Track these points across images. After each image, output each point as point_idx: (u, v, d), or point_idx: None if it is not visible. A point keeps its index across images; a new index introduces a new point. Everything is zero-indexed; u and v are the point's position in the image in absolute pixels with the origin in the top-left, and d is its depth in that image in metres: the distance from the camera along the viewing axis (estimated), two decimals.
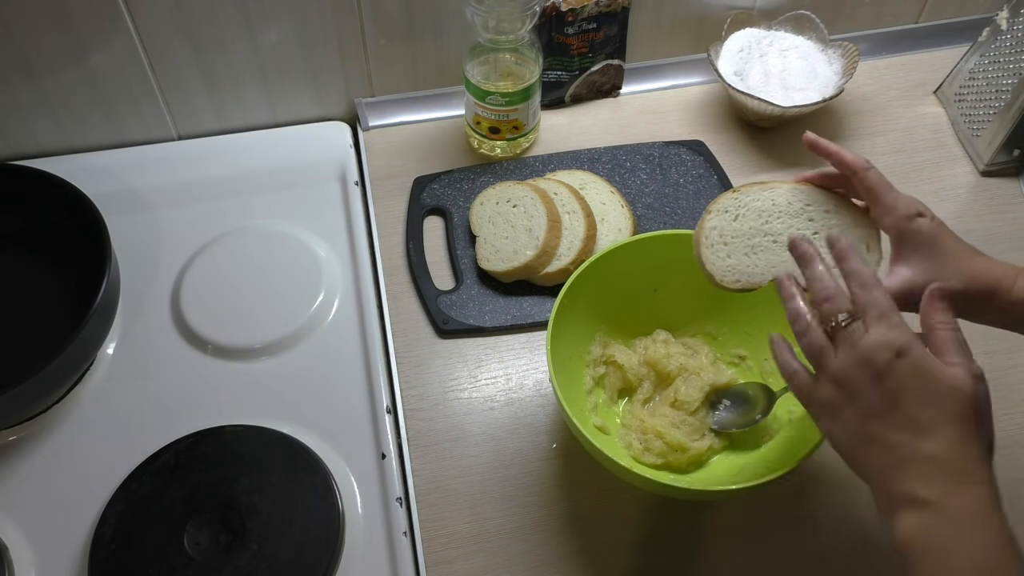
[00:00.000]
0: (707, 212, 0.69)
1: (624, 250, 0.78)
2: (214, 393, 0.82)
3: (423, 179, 0.97)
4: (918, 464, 0.51)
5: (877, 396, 0.53)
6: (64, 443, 0.80)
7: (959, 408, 0.52)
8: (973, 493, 0.50)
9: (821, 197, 0.68)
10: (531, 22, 0.88)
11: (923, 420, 0.52)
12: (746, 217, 0.68)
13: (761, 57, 1.00)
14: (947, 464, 0.51)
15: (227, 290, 0.88)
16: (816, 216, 0.67)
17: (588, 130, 1.03)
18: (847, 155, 0.65)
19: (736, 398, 0.78)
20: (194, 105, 0.98)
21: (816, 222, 0.67)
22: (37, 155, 0.97)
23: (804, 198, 0.68)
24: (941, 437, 0.51)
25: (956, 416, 0.52)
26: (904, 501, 0.51)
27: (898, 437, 0.52)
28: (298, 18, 0.92)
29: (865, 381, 0.54)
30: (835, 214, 0.67)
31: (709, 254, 0.67)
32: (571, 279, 0.75)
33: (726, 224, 0.68)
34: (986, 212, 0.96)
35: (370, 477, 0.77)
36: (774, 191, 0.68)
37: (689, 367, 0.78)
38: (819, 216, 0.67)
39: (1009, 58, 0.94)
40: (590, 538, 0.74)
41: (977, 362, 0.54)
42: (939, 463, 0.51)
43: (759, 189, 0.69)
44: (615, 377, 0.80)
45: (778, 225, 0.67)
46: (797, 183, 0.69)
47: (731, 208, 0.68)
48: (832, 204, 0.68)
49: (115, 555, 0.72)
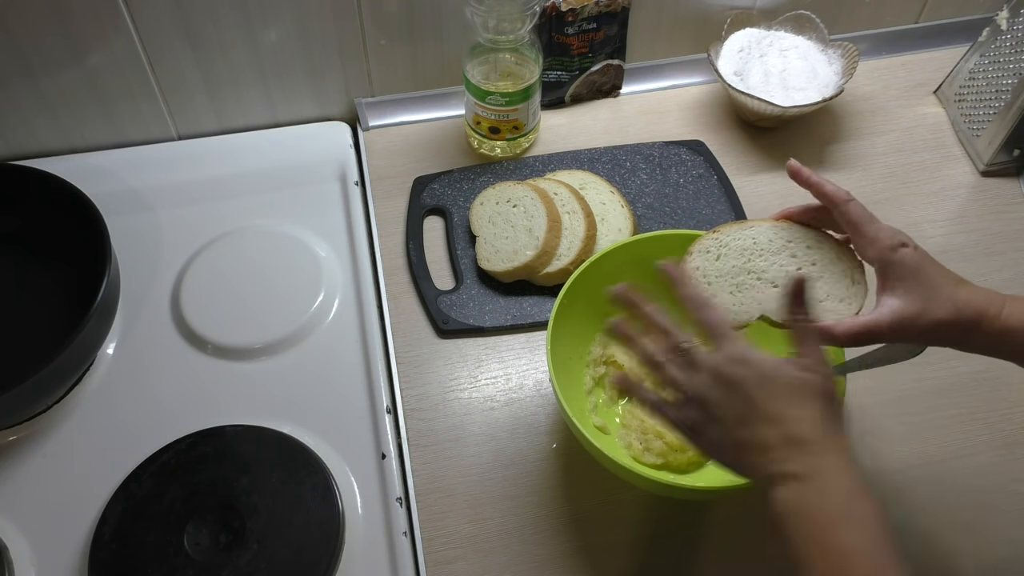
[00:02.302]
0: (688, 254, 0.69)
1: (624, 250, 0.78)
2: (214, 393, 0.82)
3: (423, 179, 0.97)
4: (784, 448, 0.55)
5: (736, 405, 0.57)
6: (64, 443, 0.80)
7: (807, 395, 0.57)
8: (834, 460, 0.55)
9: (801, 233, 0.68)
10: (531, 22, 0.88)
11: (779, 412, 0.56)
12: (728, 256, 0.68)
13: (761, 57, 1.00)
14: (808, 442, 0.55)
15: (227, 290, 0.88)
16: (798, 252, 0.68)
17: (588, 130, 1.03)
18: (828, 186, 0.65)
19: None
20: (194, 105, 0.98)
21: (799, 258, 0.67)
22: (37, 155, 0.97)
23: (785, 235, 0.68)
24: (798, 421, 0.56)
25: (806, 402, 0.56)
26: (777, 479, 0.55)
27: (762, 433, 0.56)
28: (298, 18, 0.92)
29: (721, 395, 0.58)
30: (817, 249, 0.68)
31: None
32: (571, 279, 0.76)
33: (709, 264, 0.68)
34: (986, 212, 0.96)
35: (370, 477, 0.77)
36: (754, 229, 0.69)
37: None
38: (801, 252, 0.68)
39: (1009, 58, 0.94)
40: (590, 538, 0.74)
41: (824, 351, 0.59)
42: (801, 443, 0.55)
43: (739, 228, 0.69)
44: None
45: (761, 263, 0.68)
46: (777, 220, 0.69)
47: (712, 248, 0.69)
48: (813, 239, 0.68)
49: (115, 555, 0.72)
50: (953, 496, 0.76)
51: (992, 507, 0.76)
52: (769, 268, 0.67)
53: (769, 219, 0.70)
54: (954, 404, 0.82)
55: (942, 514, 0.75)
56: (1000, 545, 0.74)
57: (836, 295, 0.66)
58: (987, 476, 0.78)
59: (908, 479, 0.77)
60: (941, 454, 0.79)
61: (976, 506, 0.76)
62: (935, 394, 0.82)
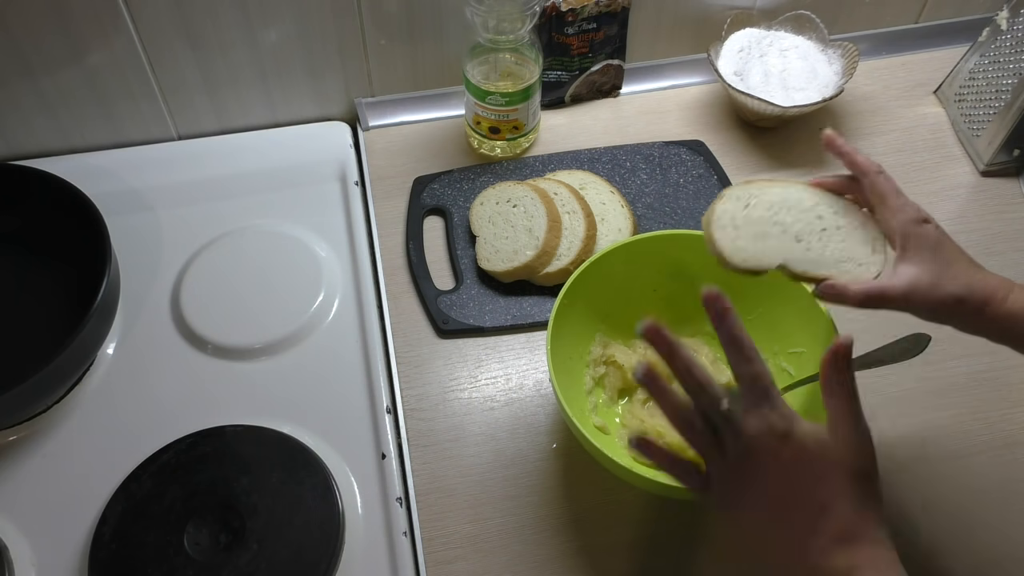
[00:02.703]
0: (719, 198, 0.69)
1: (624, 250, 0.78)
2: (214, 393, 0.82)
3: (423, 179, 0.97)
4: (822, 538, 0.53)
5: (770, 481, 0.55)
6: (64, 443, 0.80)
7: (847, 479, 0.54)
8: (873, 552, 0.53)
9: (831, 199, 0.68)
10: (531, 22, 0.88)
11: (818, 498, 0.54)
12: (756, 207, 0.68)
13: (761, 57, 1.00)
14: (848, 533, 0.53)
15: (227, 290, 0.88)
16: (825, 214, 0.68)
17: (588, 130, 1.03)
18: (860, 157, 0.66)
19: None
20: (194, 105, 0.98)
21: (824, 220, 0.67)
22: (37, 155, 0.97)
23: (815, 198, 0.68)
24: (837, 511, 0.54)
25: (846, 487, 0.54)
26: (814, 572, 0.53)
27: (798, 517, 0.54)
28: (298, 18, 0.92)
29: (756, 470, 0.56)
30: (843, 215, 0.68)
31: (720, 235, 0.67)
32: (571, 279, 0.75)
33: (737, 210, 0.68)
34: (986, 212, 0.96)
35: (370, 477, 0.77)
36: (786, 188, 0.69)
37: None
38: (828, 215, 0.68)
39: (1009, 58, 0.94)
40: (590, 538, 0.74)
41: (865, 420, 0.56)
42: (840, 534, 0.53)
43: (771, 184, 0.69)
44: (615, 377, 0.79)
45: (787, 217, 0.67)
46: (809, 184, 0.70)
47: (742, 197, 0.69)
48: (840, 206, 0.68)
49: (115, 555, 0.72)
50: (953, 496, 0.76)
51: (992, 507, 0.76)
52: (795, 223, 0.67)
53: (802, 182, 0.70)
54: (954, 404, 0.82)
55: (942, 514, 0.75)
56: (1000, 545, 0.74)
57: (855, 259, 0.66)
58: (987, 476, 0.78)
59: (908, 479, 0.77)
60: (941, 454, 0.79)
61: (976, 506, 0.76)
62: (935, 394, 0.82)
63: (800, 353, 0.77)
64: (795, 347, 0.77)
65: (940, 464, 0.78)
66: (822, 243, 0.66)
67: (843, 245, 0.66)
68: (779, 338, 0.78)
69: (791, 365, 0.77)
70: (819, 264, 0.65)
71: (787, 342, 0.78)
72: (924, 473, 0.78)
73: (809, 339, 0.75)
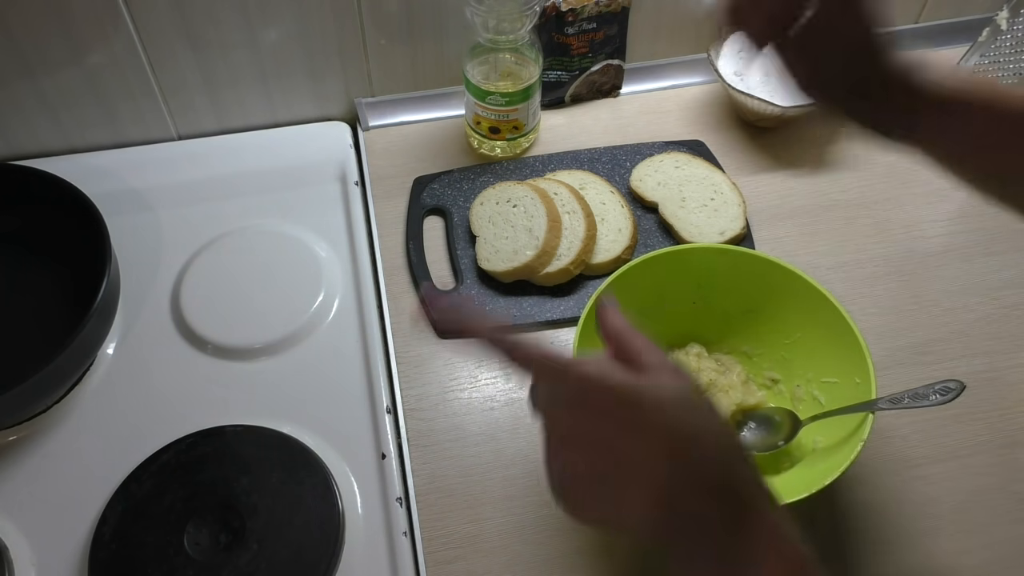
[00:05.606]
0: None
1: (665, 258, 0.76)
2: (214, 393, 0.82)
3: (423, 179, 0.97)
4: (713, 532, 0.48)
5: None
6: (64, 443, 0.80)
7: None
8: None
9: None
10: (531, 22, 0.88)
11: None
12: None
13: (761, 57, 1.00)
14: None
15: (227, 290, 0.88)
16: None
17: (588, 130, 1.03)
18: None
19: (762, 421, 0.76)
20: (194, 105, 0.98)
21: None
22: (37, 155, 0.97)
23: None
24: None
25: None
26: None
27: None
28: (298, 18, 0.92)
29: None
30: None
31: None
32: (607, 282, 0.73)
33: None
34: (986, 212, 0.95)
35: (370, 477, 0.77)
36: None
37: (718, 384, 0.77)
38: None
39: (1009, 58, 0.94)
40: (590, 538, 0.74)
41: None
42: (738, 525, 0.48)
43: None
44: None
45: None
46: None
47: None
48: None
49: (115, 555, 0.72)
50: (953, 496, 0.76)
51: (992, 507, 0.76)
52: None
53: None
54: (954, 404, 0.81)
55: (942, 514, 0.75)
56: (1000, 545, 0.74)
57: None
58: (987, 476, 0.78)
59: (908, 479, 0.77)
60: (941, 454, 0.79)
61: (976, 506, 0.76)
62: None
63: (834, 384, 0.74)
64: (829, 376, 0.75)
65: (940, 464, 0.78)
66: None
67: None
68: (814, 365, 0.76)
69: (823, 394, 0.75)
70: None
71: (822, 370, 0.76)
72: (924, 473, 0.77)
73: (843, 369, 0.73)
